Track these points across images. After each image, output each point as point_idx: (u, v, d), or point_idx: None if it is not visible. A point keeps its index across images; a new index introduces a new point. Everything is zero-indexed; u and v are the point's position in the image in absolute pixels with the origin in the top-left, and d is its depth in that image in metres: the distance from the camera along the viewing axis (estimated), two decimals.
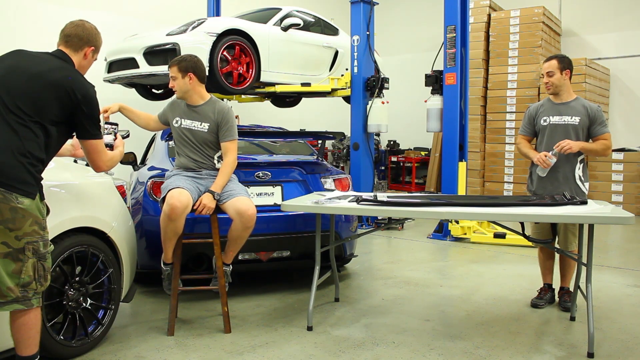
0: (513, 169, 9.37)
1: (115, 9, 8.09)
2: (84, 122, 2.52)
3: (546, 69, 3.78)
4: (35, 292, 2.35)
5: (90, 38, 2.64)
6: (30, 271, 2.32)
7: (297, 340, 3.28)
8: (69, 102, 2.44)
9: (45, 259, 2.38)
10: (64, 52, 2.58)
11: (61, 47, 2.60)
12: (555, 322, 3.64)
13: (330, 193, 3.96)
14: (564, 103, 3.81)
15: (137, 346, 3.16)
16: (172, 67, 3.55)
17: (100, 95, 2.60)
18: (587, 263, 3.15)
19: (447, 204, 3.37)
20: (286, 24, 6.66)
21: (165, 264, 3.52)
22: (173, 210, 3.21)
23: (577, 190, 3.71)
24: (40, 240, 2.35)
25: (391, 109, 7.28)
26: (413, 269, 5.11)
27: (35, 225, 2.33)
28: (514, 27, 9.34)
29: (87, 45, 2.63)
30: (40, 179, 2.41)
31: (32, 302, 2.34)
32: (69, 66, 2.55)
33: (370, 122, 6.99)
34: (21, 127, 2.32)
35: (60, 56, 2.56)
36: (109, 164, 2.74)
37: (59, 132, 2.48)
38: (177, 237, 3.37)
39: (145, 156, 5.37)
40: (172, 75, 3.55)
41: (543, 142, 3.84)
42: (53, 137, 2.44)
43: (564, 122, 3.76)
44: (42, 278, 2.37)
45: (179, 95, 3.58)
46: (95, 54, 2.70)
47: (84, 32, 2.62)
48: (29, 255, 2.31)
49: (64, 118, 2.46)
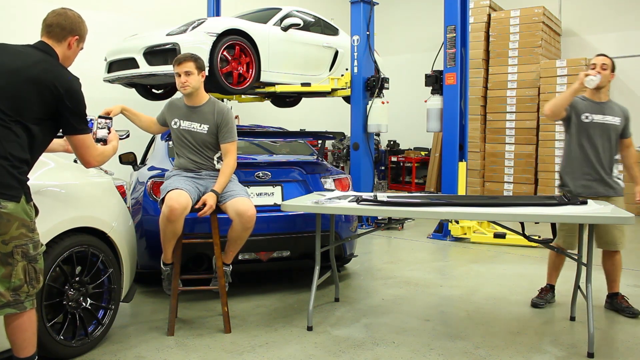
0: (513, 169, 9.37)
1: (115, 9, 8.09)
2: (69, 118, 2.39)
3: (601, 61, 3.71)
4: (28, 294, 2.30)
5: (74, 27, 2.48)
6: (21, 274, 2.26)
7: (297, 340, 3.28)
8: (52, 97, 2.31)
9: (36, 261, 2.32)
10: (47, 44, 2.43)
11: (44, 38, 2.44)
12: (555, 322, 3.64)
13: (330, 193, 3.95)
14: (604, 102, 3.78)
15: (137, 346, 3.16)
16: (187, 62, 3.48)
17: (100, 95, 2.58)
18: (587, 263, 3.15)
19: (447, 204, 3.37)
20: (286, 24, 6.66)
21: (165, 265, 3.52)
22: (172, 212, 3.20)
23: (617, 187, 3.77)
24: (29, 242, 2.28)
25: (391, 109, 7.28)
26: (413, 269, 5.11)
27: (23, 228, 2.25)
28: (514, 27, 9.33)
29: (71, 35, 2.47)
30: (25, 180, 2.30)
31: (24, 305, 2.29)
32: (51, 59, 2.40)
33: (370, 122, 6.99)
34: (0, 129, 2.21)
35: (43, 48, 2.41)
36: (100, 159, 2.60)
37: (44, 131, 2.37)
38: (176, 238, 3.37)
39: (145, 156, 5.37)
40: (187, 71, 3.47)
41: (582, 139, 3.74)
42: (37, 137, 2.33)
43: (606, 122, 3.72)
44: (33, 280, 2.31)
45: (190, 91, 3.52)
46: (80, 43, 2.54)
47: (67, 20, 2.46)
48: (18, 258, 2.24)
49: (47, 115, 2.34)
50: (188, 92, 3.53)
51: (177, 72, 3.50)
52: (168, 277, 3.53)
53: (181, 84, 3.50)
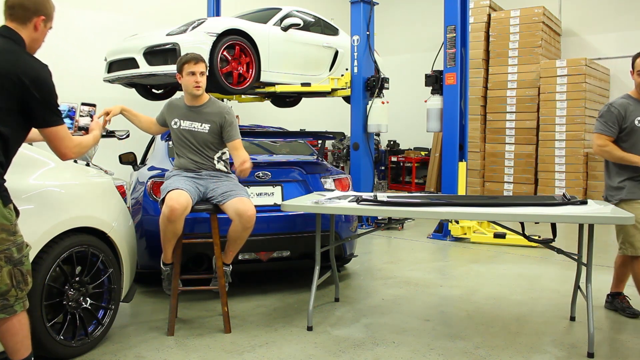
0: (513, 169, 9.37)
1: (115, 9, 8.09)
2: (38, 109, 2.19)
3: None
4: (17, 298, 2.22)
5: (39, 6, 2.26)
6: (7, 279, 2.17)
7: (297, 340, 3.28)
8: (16, 90, 2.12)
9: (21, 264, 2.22)
10: (10, 28, 2.23)
11: (7, 22, 2.24)
12: (555, 322, 3.64)
13: (330, 193, 3.95)
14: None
15: (137, 346, 3.16)
16: (202, 63, 3.50)
17: (100, 95, 2.56)
18: (587, 263, 3.15)
19: (447, 204, 3.37)
20: (286, 24, 6.66)
21: (165, 264, 3.52)
22: (172, 212, 3.20)
23: None
24: (12, 246, 2.18)
25: (391, 109, 7.28)
26: (413, 269, 5.11)
27: (3, 233, 2.15)
28: (514, 27, 9.34)
29: (36, 16, 2.25)
30: (1, 183, 2.18)
31: (14, 309, 2.21)
32: (14, 47, 2.20)
33: (370, 122, 6.99)
34: None
35: (6, 34, 2.21)
36: (77, 150, 2.39)
37: (15, 129, 2.20)
38: (176, 238, 3.37)
39: (145, 156, 5.37)
40: (202, 71, 3.49)
41: (637, 144, 3.58)
42: (9, 137, 2.18)
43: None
44: (21, 283, 2.23)
45: (202, 92, 3.54)
46: (47, 23, 2.31)
47: (29, 0, 2.24)
48: (2, 264, 2.15)
49: (15, 110, 2.16)
50: (200, 93, 3.54)
51: (193, 71, 3.47)
52: (168, 277, 3.53)
53: (196, 83, 3.48)
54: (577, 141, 8.71)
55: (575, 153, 8.71)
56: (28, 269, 2.27)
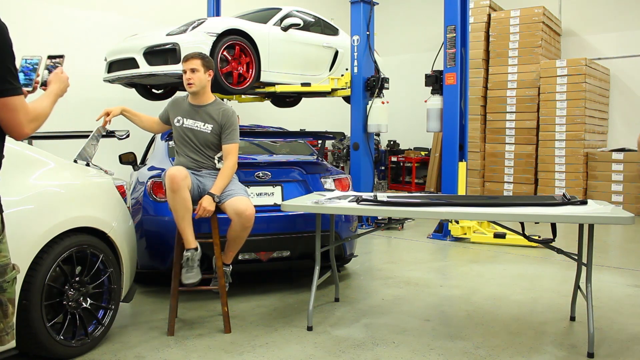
0: (513, 169, 9.38)
1: (115, 9, 8.08)
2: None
3: None
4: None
5: None
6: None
7: (297, 340, 3.28)
8: None
9: (2, 290, 1.75)
10: None
11: None
12: (555, 322, 3.64)
13: (330, 193, 3.96)
14: None
15: (137, 346, 3.16)
16: (194, 60, 3.48)
17: (100, 95, 2.53)
18: (587, 263, 3.15)
19: (447, 204, 3.37)
20: (286, 24, 6.66)
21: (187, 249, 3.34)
22: (172, 180, 3.19)
23: None
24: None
25: (391, 109, 7.28)
26: (413, 269, 5.11)
27: None
28: (514, 27, 9.34)
29: None
30: None
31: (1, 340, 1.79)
32: None
33: (370, 122, 6.99)
34: None
35: None
36: (34, 125, 1.80)
37: None
38: (189, 213, 3.28)
39: (145, 156, 5.37)
40: (192, 68, 3.48)
41: None
42: None
43: None
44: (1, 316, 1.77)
45: (196, 89, 3.52)
46: None
47: None
48: None
49: None
50: (193, 90, 3.53)
51: (184, 69, 3.51)
52: (187, 262, 3.30)
53: (186, 80, 3.50)
54: (577, 141, 8.70)
55: (575, 153, 8.70)
56: (11, 297, 1.78)
